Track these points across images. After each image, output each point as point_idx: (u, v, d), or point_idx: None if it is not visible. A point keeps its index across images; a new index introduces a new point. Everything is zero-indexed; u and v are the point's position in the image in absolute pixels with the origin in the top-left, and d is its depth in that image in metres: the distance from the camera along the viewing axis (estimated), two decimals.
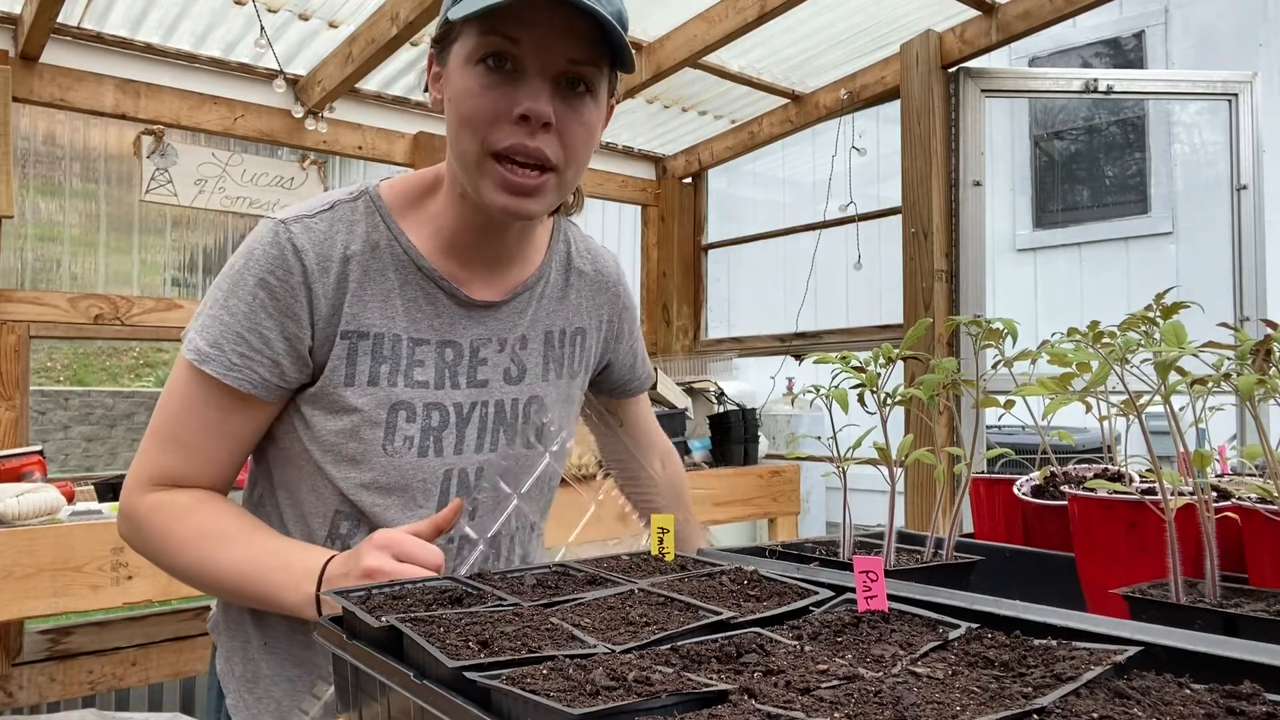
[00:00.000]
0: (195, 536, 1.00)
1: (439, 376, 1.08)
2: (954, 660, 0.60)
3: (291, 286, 1.00)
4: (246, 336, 0.99)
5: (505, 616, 0.70)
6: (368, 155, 3.27)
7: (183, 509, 1.02)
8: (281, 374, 1.02)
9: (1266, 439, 0.82)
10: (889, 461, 0.99)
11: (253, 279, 1.00)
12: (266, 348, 1.00)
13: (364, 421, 1.04)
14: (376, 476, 1.05)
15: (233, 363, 0.99)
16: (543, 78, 0.95)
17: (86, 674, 2.63)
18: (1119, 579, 0.85)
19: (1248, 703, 0.50)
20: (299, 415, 1.06)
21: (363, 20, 2.77)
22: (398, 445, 1.05)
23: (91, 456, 8.42)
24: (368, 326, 1.04)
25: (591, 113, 1.00)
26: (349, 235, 1.04)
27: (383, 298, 1.05)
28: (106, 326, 2.72)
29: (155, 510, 1.02)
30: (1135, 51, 5.60)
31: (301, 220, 1.02)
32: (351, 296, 1.03)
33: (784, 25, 2.98)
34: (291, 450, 1.09)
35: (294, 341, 1.01)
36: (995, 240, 5.28)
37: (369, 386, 1.04)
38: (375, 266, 1.04)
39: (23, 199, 5.58)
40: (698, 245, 4.23)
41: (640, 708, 0.50)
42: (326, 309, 1.02)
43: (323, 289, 1.01)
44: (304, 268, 1.00)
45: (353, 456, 1.05)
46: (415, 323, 1.07)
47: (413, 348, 1.06)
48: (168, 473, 1.03)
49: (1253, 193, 3.01)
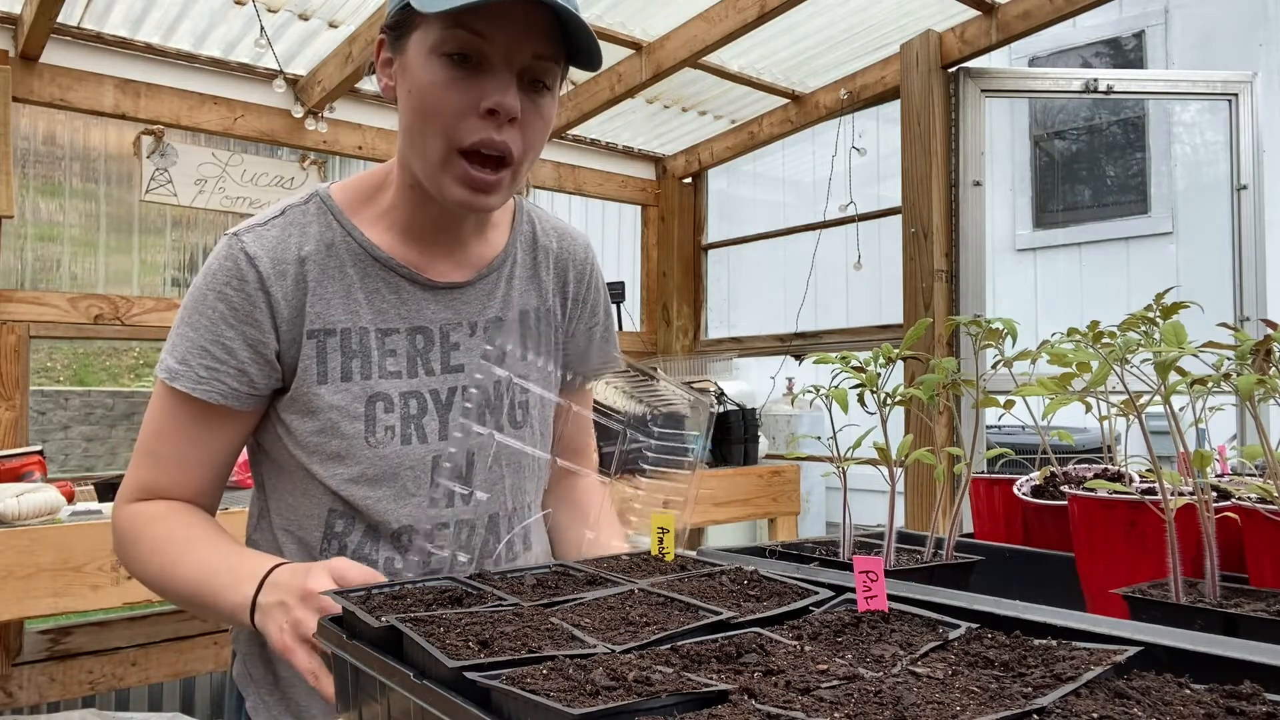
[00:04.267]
0: (160, 544, 1.02)
1: (411, 365, 1.09)
2: (954, 660, 0.60)
3: (249, 294, 1.02)
4: (210, 349, 1.02)
5: (505, 616, 0.70)
6: (368, 155, 3.27)
7: (152, 517, 1.04)
8: (250, 382, 1.04)
9: (1266, 439, 0.82)
10: (889, 461, 0.99)
11: (212, 294, 1.02)
12: (231, 358, 1.02)
13: (343, 416, 1.05)
14: (364, 469, 1.06)
15: (200, 376, 1.02)
16: (509, 72, 0.96)
17: (86, 674, 2.63)
18: (1119, 579, 0.85)
19: (1248, 703, 0.50)
20: (280, 422, 1.08)
21: (363, 20, 2.77)
22: (380, 436, 1.06)
23: (91, 456, 8.42)
24: (333, 323, 1.05)
25: (549, 107, 1.02)
26: (302, 237, 1.05)
27: (344, 293, 1.06)
28: (106, 326, 2.72)
29: (131, 520, 1.05)
30: (1135, 51, 5.59)
31: (253, 230, 1.04)
32: (312, 296, 1.04)
33: (784, 25, 2.98)
34: (280, 459, 1.10)
35: (258, 348, 1.03)
36: (995, 240, 5.27)
37: (343, 382, 1.05)
38: (332, 264, 1.06)
39: (23, 199, 5.58)
40: (698, 245, 4.23)
41: (640, 708, 0.50)
42: (288, 311, 1.03)
43: (281, 292, 1.03)
44: (259, 274, 1.02)
45: (337, 453, 1.06)
46: (381, 313, 1.08)
47: (382, 339, 1.08)
48: (148, 486, 1.06)
49: (1253, 193, 3.01)
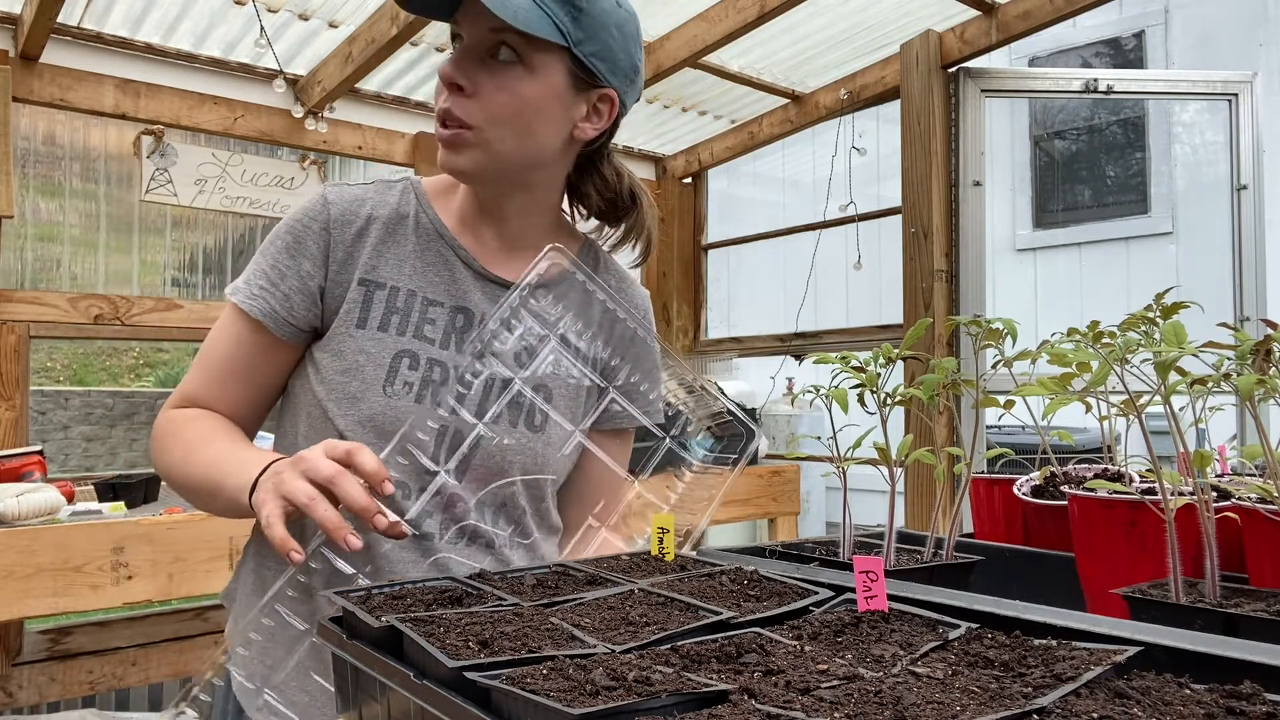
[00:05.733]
0: (184, 439, 1.11)
1: (445, 338, 1.15)
2: (954, 660, 0.60)
3: (314, 231, 1.13)
4: (268, 272, 1.13)
5: (505, 616, 0.70)
6: (367, 155, 3.27)
7: (186, 419, 1.14)
8: (291, 309, 1.12)
9: (1266, 439, 0.82)
10: (889, 461, 0.99)
11: (284, 228, 1.14)
12: (282, 281, 1.12)
13: (369, 361, 1.11)
14: (374, 414, 1.10)
15: (253, 293, 1.12)
16: (465, 47, 1.08)
17: (86, 674, 2.63)
18: (1119, 579, 0.85)
19: (1248, 703, 0.50)
20: (311, 362, 1.15)
21: (363, 20, 2.77)
22: (397, 388, 1.11)
23: (91, 456, 8.42)
24: (384, 279, 1.14)
25: (516, 81, 1.08)
26: (378, 203, 1.16)
27: (401, 257, 1.15)
28: (106, 326, 2.72)
29: (168, 421, 1.15)
30: (1135, 51, 5.59)
31: (340, 186, 1.17)
32: (371, 251, 1.14)
33: (784, 25, 2.98)
34: (301, 399, 1.16)
35: (306, 279, 1.12)
36: (995, 240, 5.26)
37: (378, 331, 1.12)
38: (400, 231, 1.16)
39: (23, 199, 5.58)
40: (698, 245, 4.23)
41: (640, 708, 0.50)
42: (342, 254, 1.13)
43: (340, 236, 1.13)
44: (328, 215, 1.13)
45: (353, 394, 1.10)
46: (431, 284, 1.16)
47: (425, 306, 1.15)
48: (192, 395, 1.15)
49: (1253, 193, 3.02)
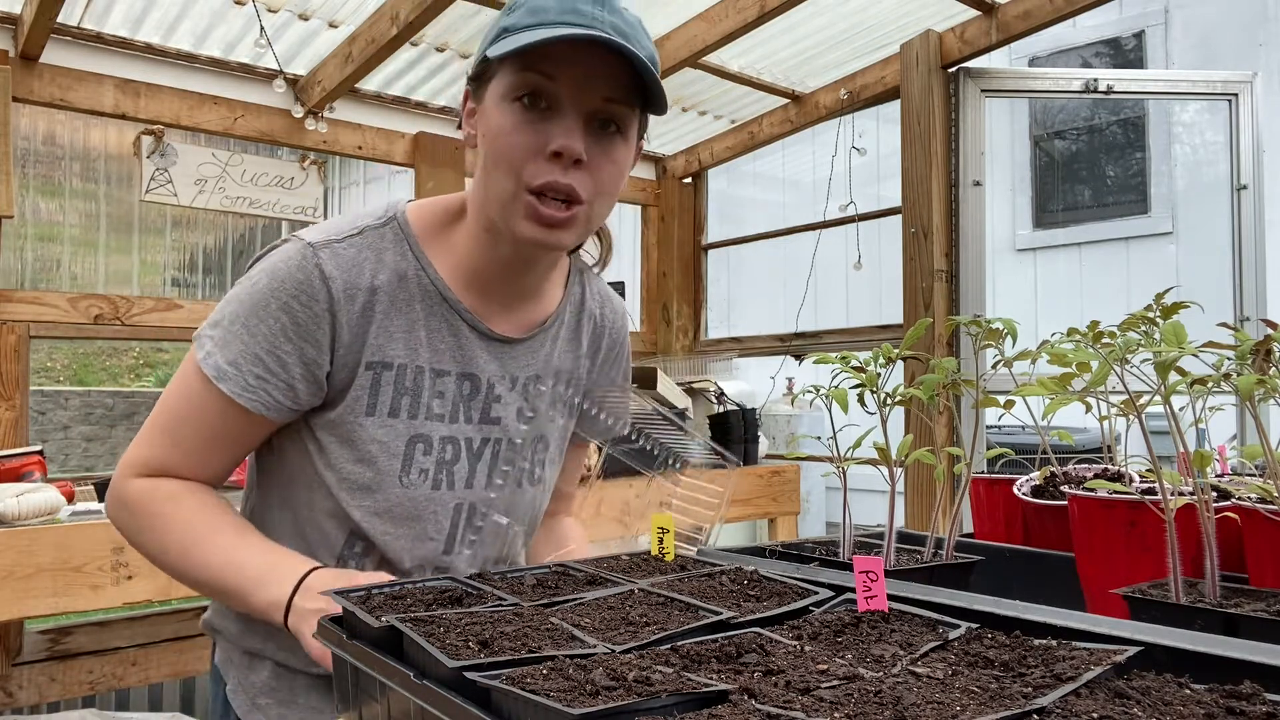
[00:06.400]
0: (180, 524, 1.03)
1: (454, 410, 1.10)
2: (954, 660, 0.60)
3: (316, 314, 1.00)
4: (265, 359, 1.00)
5: (505, 616, 0.70)
6: (368, 155, 3.27)
7: (169, 495, 1.04)
8: (295, 397, 1.03)
9: (1266, 439, 0.82)
10: (889, 461, 0.99)
11: (276, 303, 1.00)
12: (283, 371, 1.01)
13: (382, 451, 1.05)
14: (391, 506, 1.07)
15: (249, 384, 1.00)
16: (576, 115, 0.97)
17: (86, 674, 2.63)
18: (1119, 579, 0.85)
19: (1248, 703, 0.50)
20: (313, 440, 1.07)
21: (363, 20, 2.76)
22: (413, 478, 1.07)
23: (91, 456, 8.41)
24: (392, 358, 1.05)
25: (621, 151, 1.02)
26: (377, 264, 1.04)
27: (407, 329, 1.06)
28: (106, 326, 2.72)
29: (142, 494, 1.04)
30: (1135, 51, 5.59)
31: (330, 246, 1.02)
32: (377, 328, 1.04)
33: (784, 25, 2.98)
34: (302, 472, 1.09)
35: (311, 366, 1.02)
36: (995, 240, 5.26)
37: (389, 418, 1.06)
38: (402, 297, 1.05)
39: (23, 199, 5.57)
40: (698, 245, 4.23)
41: (640, 708, 0.50)
42: (348, 337, 1.02)
43: (347, 318, 1.02)
44: (330, 295, 1.00)
45: (368, 485, 1.06)
46: (438, 354, 1.08)
47: (434, 379, 1.08)
48: (159, 464, 1.05)
49: (1253, 193, 3.01)
